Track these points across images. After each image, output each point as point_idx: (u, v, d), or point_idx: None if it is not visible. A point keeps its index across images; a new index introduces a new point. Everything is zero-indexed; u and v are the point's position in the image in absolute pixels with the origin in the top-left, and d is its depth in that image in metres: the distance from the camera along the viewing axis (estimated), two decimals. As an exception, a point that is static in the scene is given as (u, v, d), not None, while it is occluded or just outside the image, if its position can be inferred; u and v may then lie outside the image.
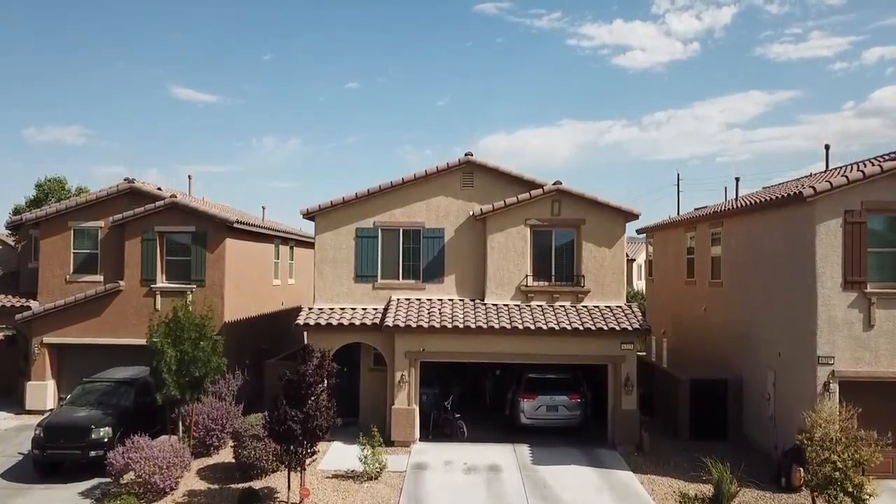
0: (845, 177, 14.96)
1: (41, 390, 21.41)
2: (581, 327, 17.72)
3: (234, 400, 18.14)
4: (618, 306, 18.93)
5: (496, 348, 18.02)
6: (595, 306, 18.93)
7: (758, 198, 19.29)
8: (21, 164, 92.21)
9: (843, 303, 14.96)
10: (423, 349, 17.98)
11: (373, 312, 19.06)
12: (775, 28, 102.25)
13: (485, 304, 19.12)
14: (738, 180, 21.63)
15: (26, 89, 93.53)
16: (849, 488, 12.30)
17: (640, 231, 28.16)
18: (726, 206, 21.36)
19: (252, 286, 23.53)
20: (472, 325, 17.79)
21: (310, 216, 19.86)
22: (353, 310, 19.27)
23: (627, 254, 23.88)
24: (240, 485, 14.64)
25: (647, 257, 31.66)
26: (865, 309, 14.96)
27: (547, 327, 17.77)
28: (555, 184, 19.22)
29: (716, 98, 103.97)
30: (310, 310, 19.37)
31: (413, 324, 17.79)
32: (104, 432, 15.72)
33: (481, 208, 19.37)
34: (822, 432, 12.88)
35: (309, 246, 26.33)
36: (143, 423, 16.37)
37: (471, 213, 19.62)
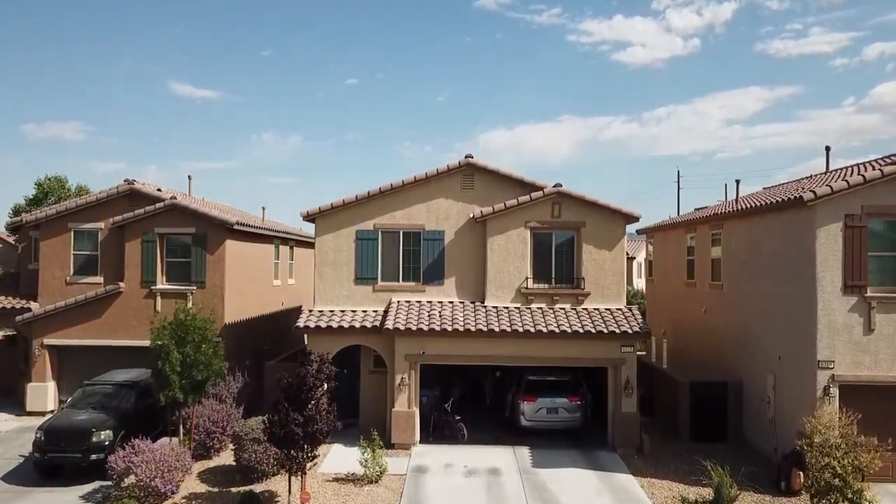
0: (846, 181, 14.95)
1: (42, 392, 21.45)
2: (581, 330, 17.74)
3: (235, 402, 18.18)
4: (618, 309, 18.95)
5: (496, 351, 18.06)
6: (595, 309, 18.95)
7: (758, 200, 19.29)
8: (20, 162, 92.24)
9: (843, 307, 14.98)
10: (424, 352, 18.01)
11: (373, 315, 19.08)
12: (776, 24, 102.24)
13: (485, 307, 19.14)
14: (738, 182, 21.67)
15: (26, 85, 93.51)
16: (848, 494, 12.35)
17: (640, 231, 28.17)
18: (726, 207, 21.35)
19: (252, 287, 23.55)
20: (472, 328, 17.81)
21: (310, 218, 19.86)
22: (354, 312, 19.28)
23: (627, 252, 23.89)
24: (240, 488, 14.68)
25: (647, 257, 31.67)
26: (865, 313, 14.98)
27: (547, 330, 17.79)
28: (555, 186, 19.23)
29: (716, 94, 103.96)
30: (310, 312, 19.39)
31: (413, 326, 17.81)
32: (105, 435, 15.72)
33: (481, 210, 19.38)
34: (821, 438, 12.91)
35: (309, 245, 26.35)
36: (143, 425, 16.43)
37: (471, 215, 19.62)
